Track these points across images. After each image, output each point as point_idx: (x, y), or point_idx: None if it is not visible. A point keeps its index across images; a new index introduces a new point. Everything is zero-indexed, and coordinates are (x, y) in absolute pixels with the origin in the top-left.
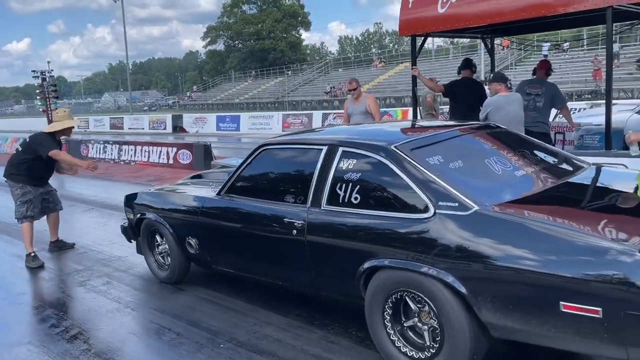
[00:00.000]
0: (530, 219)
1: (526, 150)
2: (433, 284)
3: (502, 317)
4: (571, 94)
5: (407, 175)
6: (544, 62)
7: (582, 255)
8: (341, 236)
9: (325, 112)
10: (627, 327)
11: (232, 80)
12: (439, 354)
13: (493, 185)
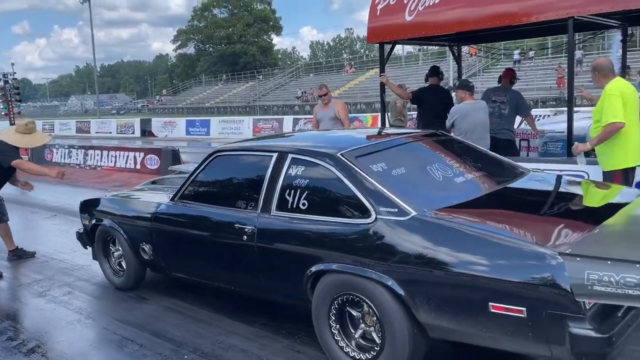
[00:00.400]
0: (464, 223)
1: (468, 157)
2: (374, 287)
3: (437, 318)
4: (536, 101)
5: (351, 182)
6: (509, 71)
7: (508, 258)
8: (289, 241)
9: (296, 117)
10: (549, 326)
11: (202, 84)
12: (380, 354)
13: (433, 191)
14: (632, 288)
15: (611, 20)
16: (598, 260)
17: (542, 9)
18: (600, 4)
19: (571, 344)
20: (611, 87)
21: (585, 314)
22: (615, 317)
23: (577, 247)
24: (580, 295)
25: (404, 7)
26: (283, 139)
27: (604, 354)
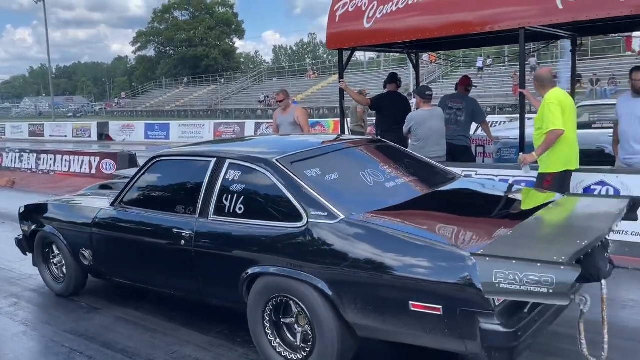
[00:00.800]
0: (388, 226)
1: (401, 163)
2: (305, 289)
3: (364, 317)
4: (494, 108)
5: (285, 187)
6: (465, 78)
7: (427, 258)
8: (226, 245)
9: (258, 122)
10: (463, 322)
11: (163, 87)
12: (312, 354)
13: (363, 195)
14: (533, 285)
15: (561, 31)
16: (505, 260)
17: (496, 19)
18: (550, 15)
19: (482, 338)
20: (550, 96)
21: (494, 310)
22: (522, 313)
23: (488, 248)
24: (489, 292)
25: (362, 14)
26: (222, 144)
27: (510, 347)
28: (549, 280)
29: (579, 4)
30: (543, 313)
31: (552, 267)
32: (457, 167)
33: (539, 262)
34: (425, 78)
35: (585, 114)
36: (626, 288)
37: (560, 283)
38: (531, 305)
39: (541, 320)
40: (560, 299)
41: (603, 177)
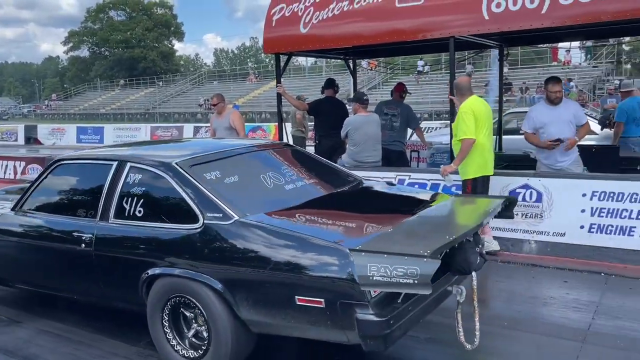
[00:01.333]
0: (278, 225)
1: (304, 166)
2: (201, 288)
3: (256, 313)
4: (430, 114)
5: (183, 190)
6: (400, 85)
7: (311, 254)
8: (125, 248)
9: (197, 125)
10: (343, 314)
11: (97, 89)
12: (208, 351)
13: (261, 197)
14: (402, 277)
15: (489, 41)
16: (378, 254)
17: (428, 27)
18: (477, 25)
19: (358, 328)
20: (464, 106)
21: (370, 301)
22: (395, 303)
23: (365, 244)
24: (364, 285)
25: (298, 20)
26: (125, 148)
27: (384, 335)
28: (414, 272)
29: (504, 15)
30: (418, 303)
31: (417, 260)
32: (393, 172)
33: (406, 256)
34: (365, 84)
35: (513, 121)
36: (547, 286)
37: (423, 274)
38: (404, 296)
39: (416, 310)
40: (424, 289)
41: (527, 180)
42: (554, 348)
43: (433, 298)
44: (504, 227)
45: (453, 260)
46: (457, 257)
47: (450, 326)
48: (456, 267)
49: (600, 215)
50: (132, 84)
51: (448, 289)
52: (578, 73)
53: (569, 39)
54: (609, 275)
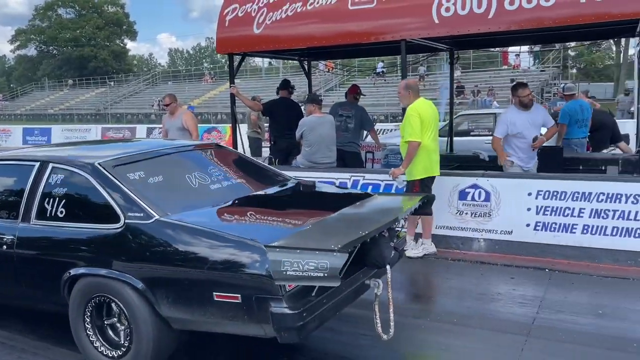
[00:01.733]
0: (198, 224)
1: (233, 166)
2: (122, 287)
3: (176, 310)
4: (387, 116)
5: (105, 190)
6: (354, 87)
7: (228, 251)
8: (47, 249)
9: (150, 126)
10: (258, 308)
11: (45, 89)
12: (129, 350)
13: (185, 196)
14: (313, 270)
15: (439, 44)
16: (291, 250)
17: (380, 30)
18: (428, 29)
19: (272, 321)
20: (411, 108)
21: (284, 295)
22: (309, 297)
23: (280, 241)
24: (278, 279)
25: (252, 20)
26: (49, 148)
27: (297, 327)
28: (324, 266)
29: (453, 19)
30: (332, 296)
31: (327, 254)
32: (347, 173)
33: (317, 251)
34: (322, 86)
35: (464, 123)
36: (495, 283)
37: (333, 267)
38: (318, 289)
39: (331, 303)
40: (333, 281)
41: (476, 180)
42: (501, 342)
43: (350, 291)
44: (454, 226)
45: (368, 255)
46: (372, 251)
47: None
48: (371, 261)
49: (544, 214)
50: (82, 83)
51: (366, 283)
52: (527, 77)
53: (517, 43)
54: (552, 271)
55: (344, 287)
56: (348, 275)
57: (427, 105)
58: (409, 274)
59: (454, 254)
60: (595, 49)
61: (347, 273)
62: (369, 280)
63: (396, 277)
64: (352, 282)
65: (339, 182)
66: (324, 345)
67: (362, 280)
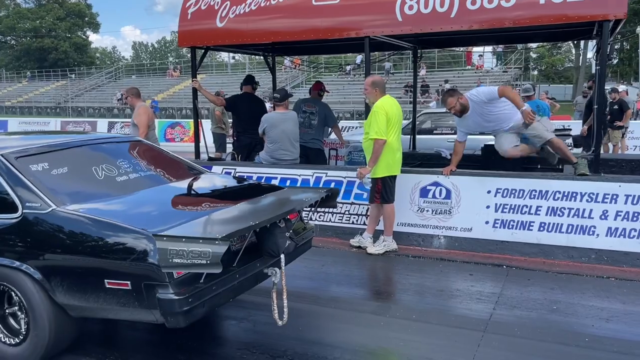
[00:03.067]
0: (92, 214)
1: (146, 159)
2: (19, 276)
3: (71, 298)
4: (353, 114)
5: (5, 180)
6: (318, 83)
7: (118, 240)
8: None
9: (112, 120)
10: (147, 295)
11: (2, 81)
12: (27, 337)
13: (87, 188)
14: (197, 258)
15: (403, 42)
16: (177, 239)
17: (344, 27)
18: (391, 26)
19: (159, 306)
20: (378, 105)
21: (170, 282)
22: (197, 283)
23: (168, 230)
24: (164, 267)
25: (214, 13)
26: None
27: (183, 311)
28: (207, 253)
29: (416, 17)
30: (223, 283)
31: (209, 243)
32: (310, 169)
33: (200, 239)
34: (289, 82)
35: (427, 121)
36: (454, 279)
37: (214, 255)
38: (206, 276)
39: (222, 289)
40: (214, 268)
41: (437, 178)
42: (459, 338)
43: (247, 278)
44: (415, 223)
45: (264, 244)
46: (267, 240)
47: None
48: (266, 250)
49: (503, 211)
50: (41, 76)
51: (264, 271)
52: (490, 77)
53: (480, 43)
54: (510, 267)
55: (238, 275)
56: (244, 263)
57: (392, 103)
58: (369, 271)
59: (415, 251)
60: (556, 51)
61: (242, 261)
62: (267, 268)
63: (357, 274)
64: (248, 270)
65: (302, 178)
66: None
67: (260, 268)
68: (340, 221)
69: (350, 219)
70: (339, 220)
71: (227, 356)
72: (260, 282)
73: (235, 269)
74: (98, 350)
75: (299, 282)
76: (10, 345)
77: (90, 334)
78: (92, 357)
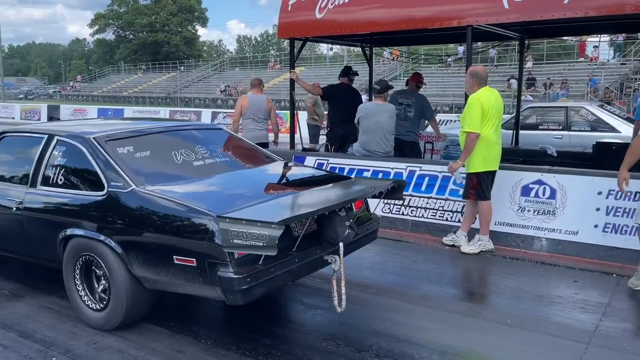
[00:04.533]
0: (166, 195)
1: (223, 146)
2: (102, 248)
3: (145, 271)
4: (452, 107)
5: (95, 161)
6: (416, 75)
7: (187, 219)
8: (47, 212)
9: (215, 111)
10: (210, 272)
11: (121, 72)
12: (109, 303)
13: (165, 170)
14: (255, 240)
15: (509, 31)
16: (238, 221)
17: (444, 16)
18: (497, 14)
19: (220, 283)
20: (473, 97)
21: (231, 261)
22: (256, 264)
23: (232, 212)
24: (226, 247)
25: (314, 4)
26: (59, 123)
27: (241, 290)
28: (264, 236)
29: (524, 4)
30: (281, 267)
31: (266, 226)
32: (405, 163)
33: (259, 222)
34: (387, 74)
35: (532, 116)
36: (555, 285)
37: (270, 237)
38: (265, 259)
39: (280, 272)
40: (270, 250)
41: (541, 176)
42: (558, 348)
43: (306, 264)
44: (515, 223)
45: (323, 232)
46: (327, 228)
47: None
48: (326, 237)
49: (615, 215)
50: (154, 68)
51: (325, 258)
52: (605, 70)
53: (594, 32)
54: (621, 277)
55: (297, 260)
56: (304, 249)
57: (491, 94)
58: (462, 270)
59: (513, 252)
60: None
61: (302, 247)
62: (327, 255)
63: (449, 272)
64: (307, 255)
65: (395, 172)
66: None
67: (320, 255)
68: (434, 217)
69: (445, 215)
70: (432, 216)
71: (312, 345)
72: (320, 269)
73: (294, 253)
74: (176, 324)
75: (387, 277)
76: (95, 310)
77: (183, 310)
78: (169, 329)
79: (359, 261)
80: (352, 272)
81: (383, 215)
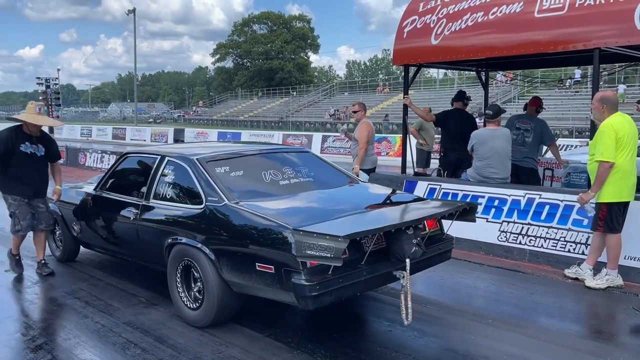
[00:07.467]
0: (253, 210)
1: (308, 168)
2: (199, 254)
3: (233, 275)
4: (572, 131)
5: (197, 179)
6: (536, 99)
7: (268, 231)
8: (156, 222)
9: (325, 134)
10: (286, 279)
11: (238, 98)
12: (203, 303)
13: (255, 188)
14: (324, 251)
15: None
16: (310, 234)
17: (569, 38)
18: (628, 36)
19: (294, 289)
20: (606, 124)
21: (304, 270)
22: (327, 274)
23: (307, 226)
24: (299, 257)
25: (430, 31)
26: (171, 146)
27: (312, 296)
28: (331, 248)
29: None
30: (349, 278)
31: (333, 240)
32: (523, 190)
33: (328, 236)
34: (499, 98)
35: None
36: None
37: (337, 250)
38: (334, 269)
39: (348, 283)
40: (336, 261)
41: None
42: None
43: (374, 277)
44: None
45: (391, 248)
46: (394, 245)
47: None
48: (393, 253)
49: None
50: (269, 93)
51: (393, 273)
52: None
53: None
54: None
55: (365, 272)
56: (373, 263)
57: (625, 120)
58: (587, 306)
59: None
60: None
61: (371, 261)
62: (396, 271)
63: (571, 307)
64: (375, 269)
65: (512, 199)
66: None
67: (388, 270)
68: (554, 248)
69: (567, 246)
70: (553, 246)
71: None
72: (389, 283)
73: (363, 267)
74: (293, 340)
75: (503, 307)
76: (191, 309)
77: (272, 316)
78: (254, 330)
79: (473, 290)
80: (464, 300)
81: (499, 243)
